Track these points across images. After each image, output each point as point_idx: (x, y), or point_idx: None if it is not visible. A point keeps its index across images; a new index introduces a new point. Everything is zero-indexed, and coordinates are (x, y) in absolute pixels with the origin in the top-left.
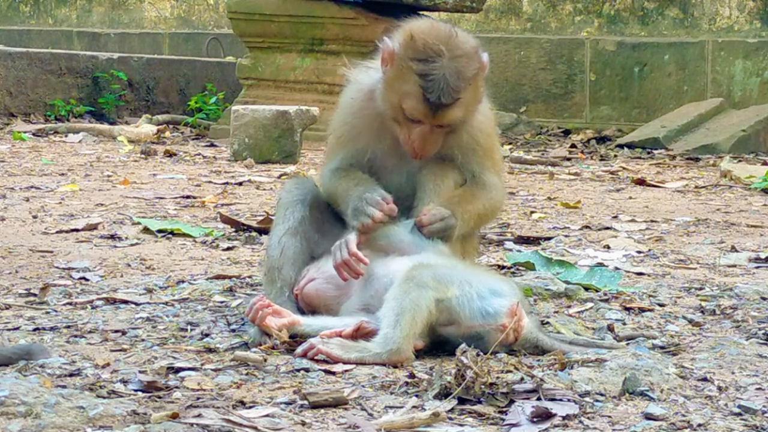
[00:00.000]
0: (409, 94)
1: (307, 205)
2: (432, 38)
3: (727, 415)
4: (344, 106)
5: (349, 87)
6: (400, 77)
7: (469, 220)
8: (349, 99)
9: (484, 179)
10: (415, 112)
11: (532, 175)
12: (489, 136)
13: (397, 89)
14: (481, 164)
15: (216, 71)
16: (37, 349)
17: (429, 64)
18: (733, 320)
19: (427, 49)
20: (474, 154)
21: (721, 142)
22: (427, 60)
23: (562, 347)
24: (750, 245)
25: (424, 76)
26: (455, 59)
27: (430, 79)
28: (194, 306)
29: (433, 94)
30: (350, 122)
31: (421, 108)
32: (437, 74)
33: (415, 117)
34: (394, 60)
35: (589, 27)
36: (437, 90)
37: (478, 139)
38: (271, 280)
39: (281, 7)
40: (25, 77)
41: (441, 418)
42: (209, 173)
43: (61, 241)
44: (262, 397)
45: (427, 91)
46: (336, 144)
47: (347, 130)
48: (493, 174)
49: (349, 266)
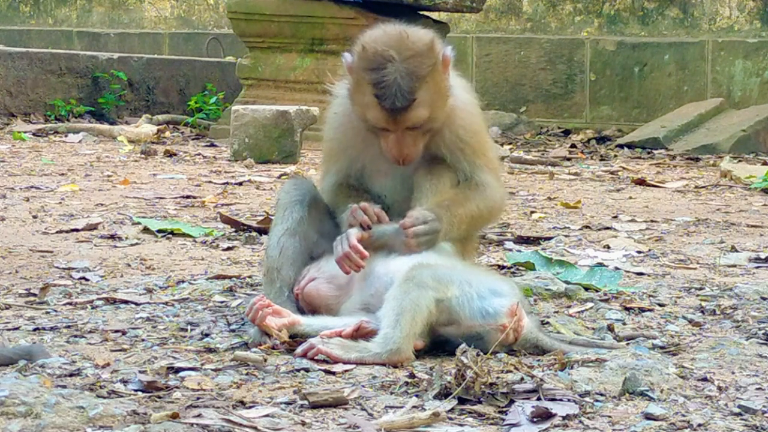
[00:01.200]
0: (367, 104)
1: (306, 206)
2: (381, 45)
3: (727, 415)
4: (330, 121)
5: (333, 101)
6: (358, 90)
7: (459, 224)
8: (332, 114)
9: (477, 179)
10: (377, 122)
11: (532, 175)
12: (475, 133)
13: (359, 101)
14: (472, 163)
15: (216, 71)
16: (37, 350)
17: (380, 71)
18: (733, 320)
19: (377, 57)
20: (462, 153)
21: (721, 142)
22: (378, 68)
23: (562, 347)
24: (750, 245)
25: (376, 84)
26: (406, 61)
27: (382, 86)
28: (194, 306)
29: (387, 101)
30: (336, 137)
31: (380, 116)
32: (388, 80)
33: (379, 126)
34: (352, 73)
35: (589, 27)
36: (390, 95)
37: (463, 136)
38: (270, 280)
39: (281, 7)
40: (25, 77)
41: (441, 418)
42: (209, 173)
43: (61, 241)
44: (262, 397)
45: (381, 99)
46: (328, 157)
47: (335, 145)
48: (487, 173)
49: (350, 259)
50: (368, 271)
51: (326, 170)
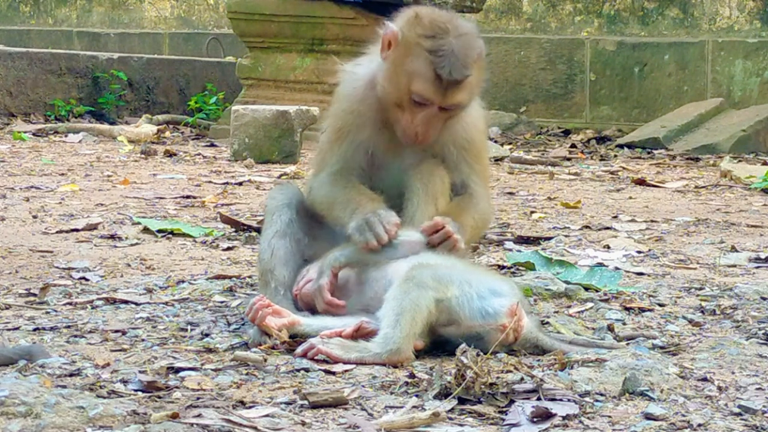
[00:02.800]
0: (418, 72)
1: (294, 208)
2: (437, 16)
3: (727, 415)
4: (346, 96)
5: (347, 79)
6: (407, 56)
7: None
8: (351, 89)
9: (471, 190)
10: (424, 92)
11: (532, 175)
12: (482, 133)
13: (406, 69)
14: (471, 166)
15: (216, 71)
16: (37, 350)
17: (438, 39)
18: (733, 320)
19: (435, 26)
20: (466, 152)
21: (721, 142)
22: (435, 36)
23: (562, 347)
24: (750, 245)
25: (434, 51)
26: (461, 37)
27: (441, 54)
28: (194, 306)
29: (444, 69)
30: (355, 110)
31: (432, 86)
32: (447, 49)
33: (423, 97)
34: (398, 41)
35: (589, 27)
36: (448, 65)
37: (472, 135)
38: (265, 282)
39: (281, 7)
40: (25, 77)
41: (441, 418)
42: (209, 173)
43: (61, 241)
44: (262, 397)
45: (438, 66)
46: (336, 138)
47: (351, 119)
48: (480, 184)
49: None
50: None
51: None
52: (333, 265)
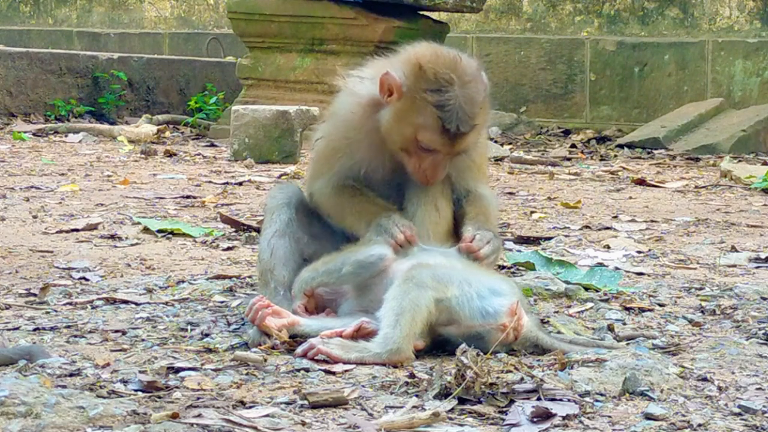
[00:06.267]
0: (425, 125)
1: (293, 208)
2: (441, 66)
3: (727, 415)
4: (342, 119)
5: (346, 99)
6: (413, 109)
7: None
8: (348, 113)
9: (479, 193)
10: (432, 143)
11: (532, 175)
12: (483, 152)
13: (411, 122)
14: (475, 179)
15: (216, 71)
16: (37, 350)
17: (444, 93)
18: (733, 320)
19: (439, 79)
20: (469, 170)
21: (721, 142)
22: (440, 90)
23: (562, 347)
24: (750, 245)
25: (440, 107)
26: (466, 86)
27: (447, 109)
28: (194, 306)
29: (451, 124)
30: (351, 137)
31: (439, 138)
32: (453, 104)
33: (432, 147)
34: (402, 92)
35: (589, 27)
36: (455, 120)
37: (474, 157)
38: (264, 282)
39: (281, 7)
40: (25, 77)
41: (441, 418)
42: (209, 173)
43: (61, 241)
44: (262, 397)
45: (445, 121)
46: (331, 156)
47: (346, 145)
48: (484, 186)
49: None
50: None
51: (322, 171)
52: (304, 289)
